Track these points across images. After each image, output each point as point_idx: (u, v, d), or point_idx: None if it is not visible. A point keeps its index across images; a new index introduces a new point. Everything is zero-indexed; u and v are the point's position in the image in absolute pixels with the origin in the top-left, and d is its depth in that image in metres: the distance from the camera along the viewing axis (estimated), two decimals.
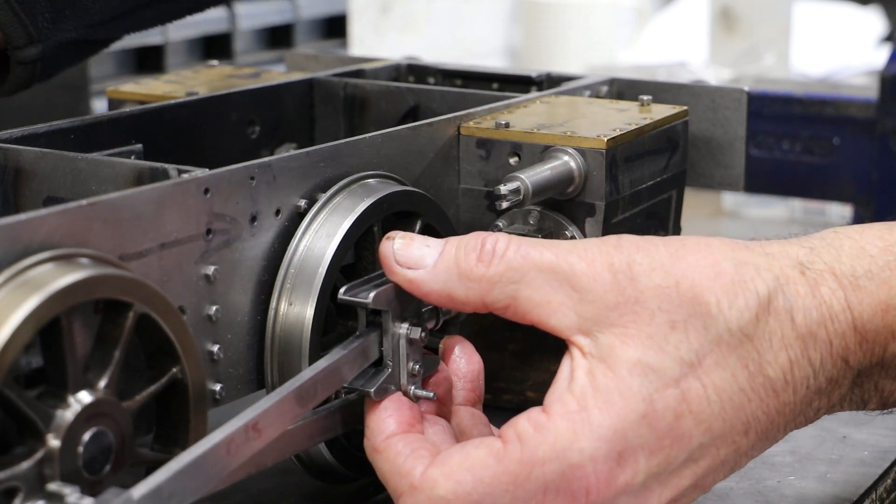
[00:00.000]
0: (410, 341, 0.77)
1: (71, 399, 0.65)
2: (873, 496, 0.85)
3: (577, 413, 0.70)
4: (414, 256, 0.75)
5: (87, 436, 0.66)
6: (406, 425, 0.75)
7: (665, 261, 0.73)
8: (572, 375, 0.72)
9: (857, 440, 0.91)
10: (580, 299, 0.72)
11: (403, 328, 0.77)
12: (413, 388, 0.78)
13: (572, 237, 0.86)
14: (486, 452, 0.71)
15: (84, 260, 0.66)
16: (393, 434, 0.75)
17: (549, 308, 0.72)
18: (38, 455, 0.64)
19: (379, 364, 0.78)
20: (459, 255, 0.74)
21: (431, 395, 0.78)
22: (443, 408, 0.79)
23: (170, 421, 0.71)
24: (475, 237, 0.74)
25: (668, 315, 0.71)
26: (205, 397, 0.71)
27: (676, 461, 0.72)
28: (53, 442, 0.65)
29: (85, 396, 0.66)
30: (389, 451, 0.74)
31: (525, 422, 0.71)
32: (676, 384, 0.71)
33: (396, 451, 0.73)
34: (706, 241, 0.75)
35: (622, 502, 0.71)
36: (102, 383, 0.67)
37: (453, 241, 0.75)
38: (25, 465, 0.64)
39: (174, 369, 0.70)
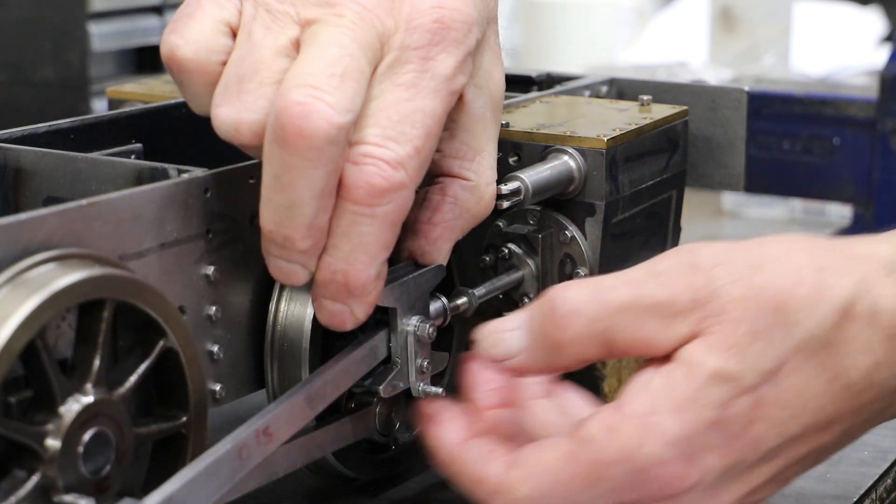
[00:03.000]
0: (419, 338, 0.78)
1: (61, 409, 0.65)
2: (873, 496, 0.85)
3: (648, 416, 0.71)
4: (503, 349, 0.75)
5: (85, 439, 0.66)
6: (465, 430, 0.75)
7: (745, 272, 0.72)
8: (652, 375, 0.72)
9: (856, 440, 0.91)
10: (668, 325, 0.72)
11: (411, 325, 0.78)
12: (421, 385, 0.78)
13: (572, 237, 0.86)
14: (559, 453, 0.71)
15: (84, 260, 0.66)
16: (458, 443, 0.74)
17: (644, 344, 0.72)
18: (38, 475, 0.64)
19: (387, 362, 0.78)
20: (544, 330, 0.73)
21: (440, 391, 0.78)
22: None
23: (168, 387, 0.71)
24: (547, 304, 0.73)
25: (750, 325, 0.71)
26: (198, 358, 0.71)
27: (749, 461, 0.72)
28: (51, 457, 0.64)
29: (75, 403, 0.65)
30: (459, 462, 0.74)
31: (597, 423, 0.71)
32: (753, 392, 0.71)
33: (466, 461, 0.74)
34: (787, 247, 0.74)
35: (692, 498, 0.72)
36: (90, 384, 0.66)
37: (531, 313, 0.74)
38: (28, 485, 0.64)
39: (161, 341, 0.70)
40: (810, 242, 0.75)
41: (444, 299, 0.81)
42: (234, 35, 0.74)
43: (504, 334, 0.75)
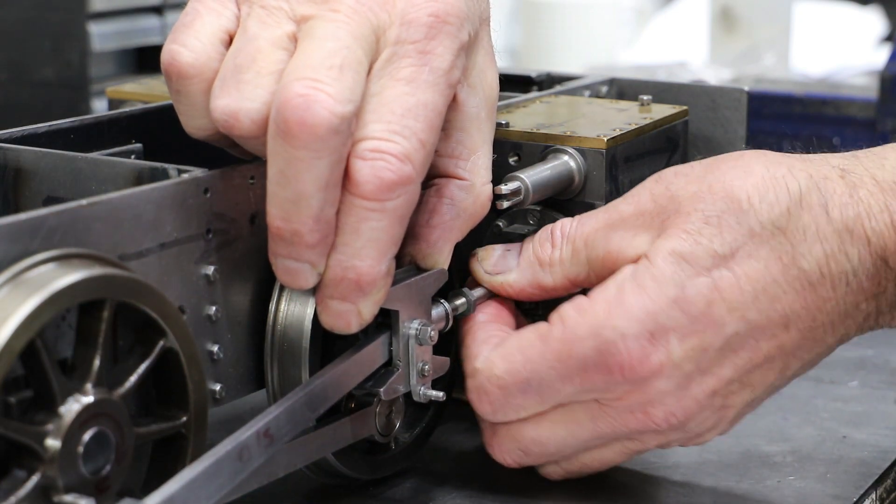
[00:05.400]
0: (420, 342, 0.78)
1: (61, 409, 0.65)
2: (873, 496, 0.85)
3: (614, 296, 0.76)
4: (499, 264, 0.82)
5: (85, 439, 0.66)
6: (492, 317, 0.82)
7: (699, 173, 0.79)
8: (622, 269, 0.78)
9: (857, 440, 0.91)
10: (635, 234, 0.78)
11: (413, 329, 0.78)
12: (422, 388, 0.79)
13: None
14: (534, 334, 0.78)
15: (84, 260, 0.66)
16: (478, 323, 0.81)
17: (614, 256, 0.79)
18: (38, 475, 0.64)
19: (389, 364, 0.78)
20: (536, 249, 0.81)
21: (441, 395, 0.79)
22: None
23: (168, 387, 0.71)
24: (545, 229, 0.82)
25: (702, 213, 0.77)
26: (198, 358, 0.71)
27: (712, 347, 0.76)
28: (51, 457, 0.64)
29: (75, 403, 0.65)
30: (468, 337, 0.81)
31: (569, 305, 0.78)
32: (708, 273, 0.76)
33: (473, 338, 0.81)
34: (740, 153, 0.81)
35: (661, 385, 0.76)
36: (90, 384, 0.66)
37: (529, 239, 0.82)
38: (28, 485, 0.64)
39: (161, 341, 0.70)
40: (764, 151, 0.80)
41: (447, 304, 0.81)
42: (232, 42, 0.74)
43: (500, 251, 0.82)
